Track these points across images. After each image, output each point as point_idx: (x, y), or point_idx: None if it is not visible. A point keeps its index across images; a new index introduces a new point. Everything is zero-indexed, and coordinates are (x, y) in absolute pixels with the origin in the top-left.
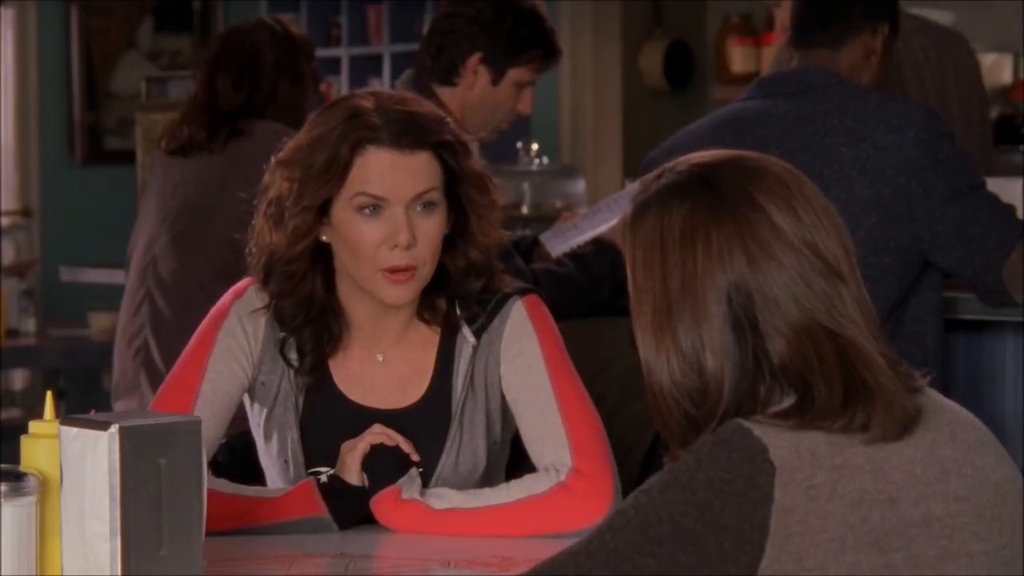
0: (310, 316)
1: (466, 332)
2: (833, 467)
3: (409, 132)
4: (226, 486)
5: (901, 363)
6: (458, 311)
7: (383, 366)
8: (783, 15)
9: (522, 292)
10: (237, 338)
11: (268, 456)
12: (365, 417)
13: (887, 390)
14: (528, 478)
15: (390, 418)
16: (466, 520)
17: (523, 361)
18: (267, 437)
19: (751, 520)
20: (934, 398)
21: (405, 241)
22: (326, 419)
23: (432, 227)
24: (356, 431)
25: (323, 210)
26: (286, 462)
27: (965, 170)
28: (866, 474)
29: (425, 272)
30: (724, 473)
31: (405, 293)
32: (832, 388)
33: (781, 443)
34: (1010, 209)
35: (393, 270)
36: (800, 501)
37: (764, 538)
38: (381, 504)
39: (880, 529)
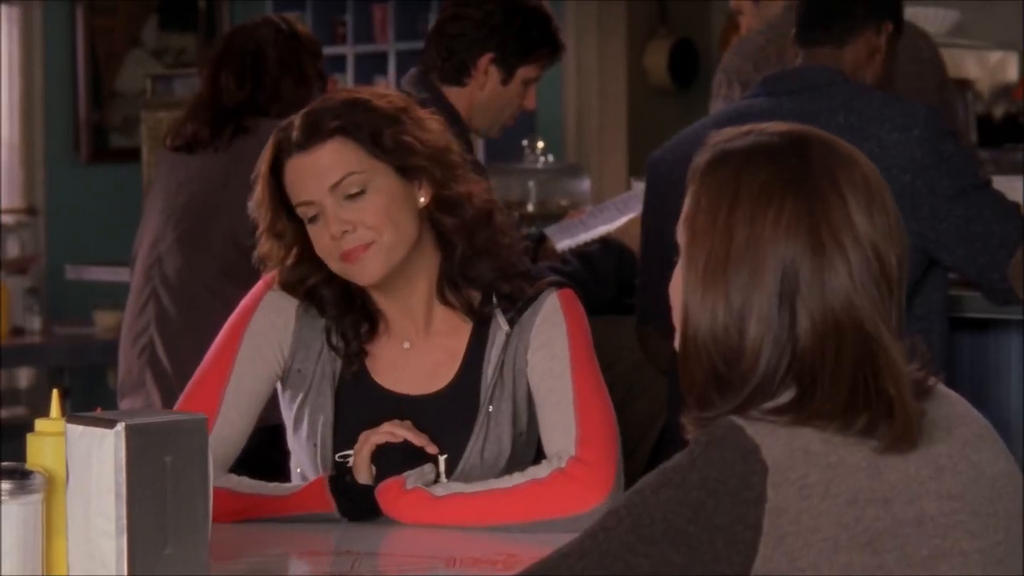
0: (351, 306)
1: (500, 320)
2: (827, 465)
3: (308, 130)
4: (238, 484)
5: (916, 368)
6: (494, 300)
7: (411, 353)
8: (747, 20)
9: (558, 285)
10: (266, 332)
11: (297, 441)
12: (395, 402)
13: (908, 407)
14: (532, 467)
15: (419, 404)
16: (466, 504)
17: (548, 351)
18: (298, 422)
19: (744, 520)
20: (940, 394)
21: (338, 230)
22: (356, 404)
23: (368, 207)
24: (386, 416)
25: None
26: (315, 445)
27: (969, 168)
28: (860, 472)
29: (387, 240)
30: (717, 473)
31: (370, 268)
32: (837, 390)
33: (773, 442)
34: (1014, 207)
35: (345, 256)
36: (793, 501)
37: (757, 538)
38: (385, 494)
39: (873, 529)
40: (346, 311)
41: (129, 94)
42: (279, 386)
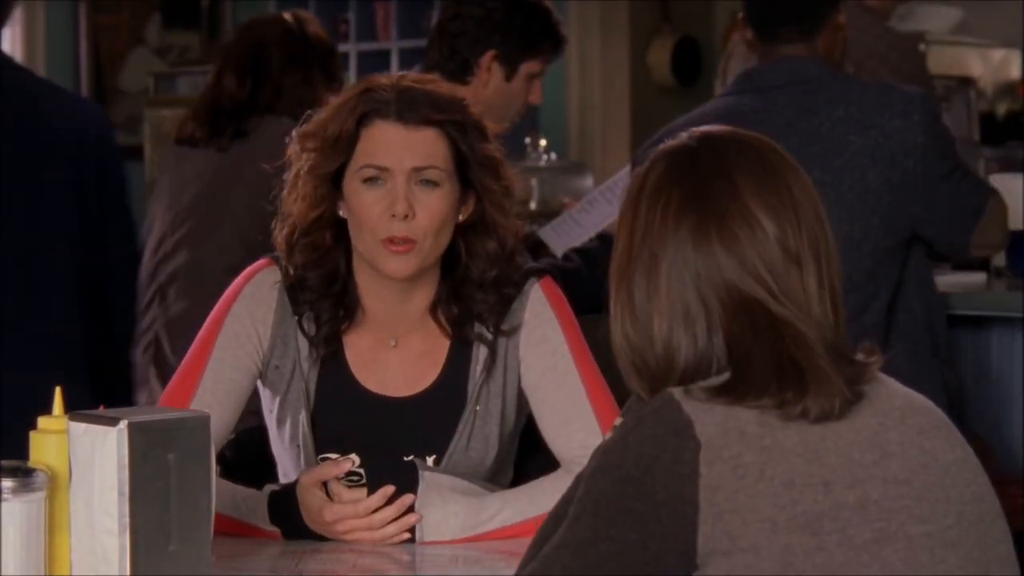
0: (332, 291)
1: (485, 322)
2: (762, 448)
3: (417, 108)
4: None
5: (852, 359)
6: (475, 327)
7: (396, 352)
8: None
9: (538, 274)
10: (244, 324)
11: (280, 443)
12: (376, 404)
13: (820, 370)
14: (564, 474)
15: (401, 406)
16: (525, 523)
17: (546, 346)
18: (280, 423)
19: (682, 495)
20: (888, 385)
21: (402, 211)
22: (337, 404)
23: (434, 202)
24: (367, 417)
25: (338, 183)
26: (298, 447)
27: (952, 148)
28: (797, 456)
29: (427, 246)
30: (650, 449)
31: (404, 265)
32: (764, 365)
33: (709, 420)
34: (976, 174)
35: (391, 241)
36: (728, 479)
37: (696, 513)
38: (440, 536)
39: (812, 512)
40: (326, 296)
41: (132, 92)
42: (260, 385)
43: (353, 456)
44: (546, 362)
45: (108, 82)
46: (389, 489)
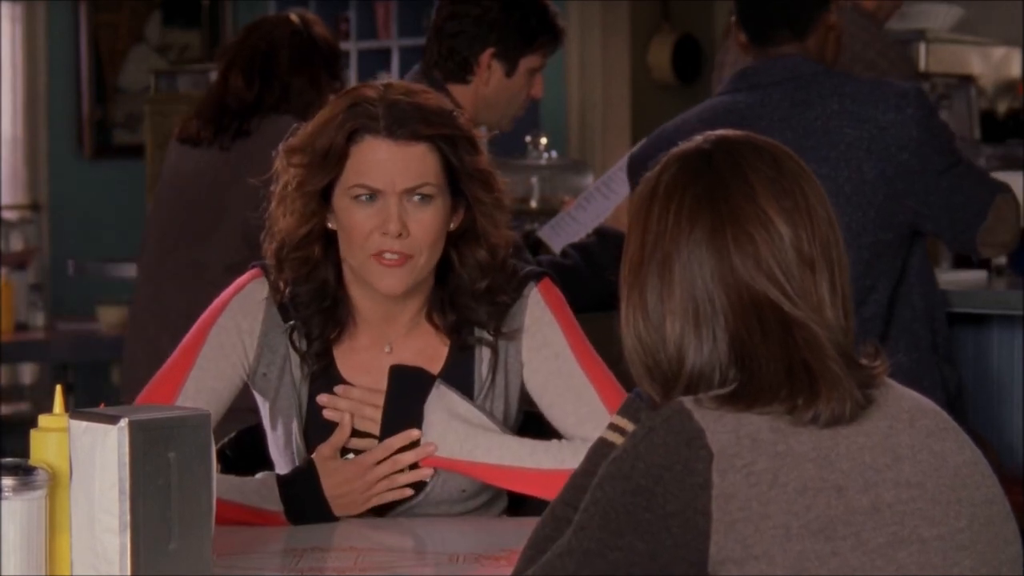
0: (323, 305)
1: (484, 327)
2: (775, 454)
3: (407, 123)
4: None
5: (861, 363)
6: (475, 332)
7: (391, 357)
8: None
9: (537, 277)
10: (230, 334)
11: (276, 448)
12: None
13: (832, 373)
14: (569, 443)
15: None
16: (534, 479)
17: (549, 350)
18: (273, 428)
19: (694, 506)
20: (895, 389)
21: (395, 230)
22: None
23: (428, 218)
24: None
25: (326, 196)
26: (292, 453)
27: (952, 143)
28: (810, 462)
29: (421, 262)
30: (661, 460)
31: (398, 281)
32: (774, 369)
33: (720, 428)
34: (982, 172)
35: (383, 254)
36: (741, 487)
37: (708, 523)
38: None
39: (825, 517)
40: (317, 312)
41: (132, 90)
42: (254, 391)
43: (347, 420)
44: (550, 366)
45: (109, 80)
46: (414, 433)
